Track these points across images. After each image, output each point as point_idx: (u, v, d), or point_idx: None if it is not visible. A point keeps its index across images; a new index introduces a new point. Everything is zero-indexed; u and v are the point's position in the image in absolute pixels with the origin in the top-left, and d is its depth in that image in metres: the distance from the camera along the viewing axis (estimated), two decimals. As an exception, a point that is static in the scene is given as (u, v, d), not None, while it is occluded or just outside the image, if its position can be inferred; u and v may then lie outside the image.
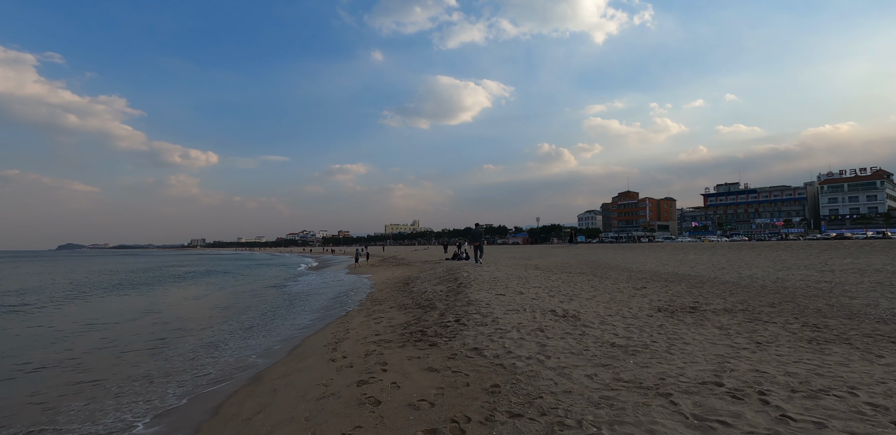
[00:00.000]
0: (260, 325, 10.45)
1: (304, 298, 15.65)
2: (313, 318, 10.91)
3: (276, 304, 14.31)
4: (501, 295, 9.28)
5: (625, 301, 8.59)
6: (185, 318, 12.03)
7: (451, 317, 7.34)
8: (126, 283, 24.03)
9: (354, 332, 7.77)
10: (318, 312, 11.90)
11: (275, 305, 14.08)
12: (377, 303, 11.44)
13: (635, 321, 6.60)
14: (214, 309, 13.63)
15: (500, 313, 7.28)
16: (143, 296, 17.81)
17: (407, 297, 11.71)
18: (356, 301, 12.76)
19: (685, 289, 10.48)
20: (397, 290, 14.06)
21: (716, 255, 24.09)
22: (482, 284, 11.30)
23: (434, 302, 9.44)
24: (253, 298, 16.23)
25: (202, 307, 14.39)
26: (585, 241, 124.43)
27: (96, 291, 19.34)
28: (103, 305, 15.16)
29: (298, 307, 13.18)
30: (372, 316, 9.25)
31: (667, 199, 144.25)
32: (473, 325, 6.58)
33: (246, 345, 8.34)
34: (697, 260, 20.96)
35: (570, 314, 7.06)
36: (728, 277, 13.06)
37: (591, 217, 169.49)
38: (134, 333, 9.77)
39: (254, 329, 9.93)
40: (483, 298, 8.94)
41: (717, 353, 4.72)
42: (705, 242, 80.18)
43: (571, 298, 8.82)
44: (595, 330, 5.97)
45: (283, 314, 12.03)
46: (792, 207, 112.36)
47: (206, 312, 12.97)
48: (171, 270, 39.17)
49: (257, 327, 10.11)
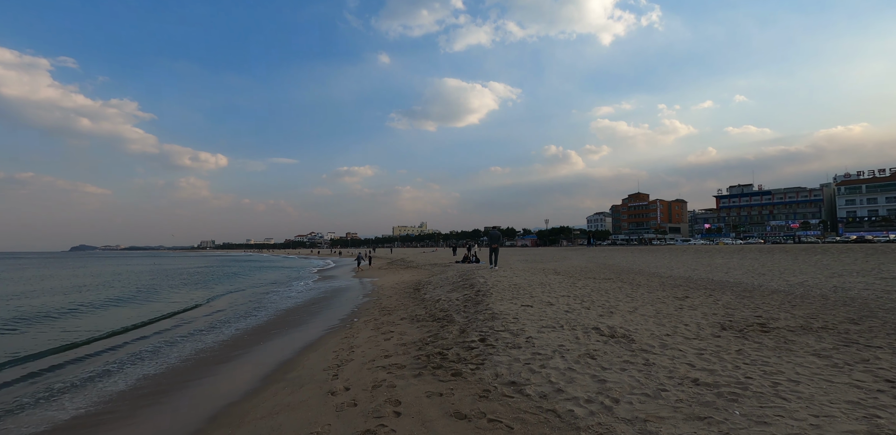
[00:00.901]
0: (251, 338, 9.35)
1: (306, 306, 14.55)
2: (313, 330, 9.78)
3: (273, 312, 13.23)
4: (528, 306, 8.09)
5: (674, 315, 7.36)
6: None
7: (475, 335, 6.17)
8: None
9: (360, 350, 6.63)
10: (319, 323, 10.77)
11: (273, 313, 13.01)
12: (386, 312, 10.30)
13: (703, 344, 5.38)
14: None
15: (532, 331, 6.10)
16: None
17: (419, 305, 10.56)
18: (362, 310, 11.63)
19: (734, 299, 9.22)
20: (407, 297, 12.92)
21: (745, 259, 22.65)
22: (503, 293, 10.11)
23: (451, 314, 8.27)
24: (250, 302, 15.18)
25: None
26: (596, 243, 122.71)
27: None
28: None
29: (299, 317, 12.08)
30: (380, 329, 8.11)
31: (678, 201, 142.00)
32: (504, 346, 5.40)
33: (235, 363, 7.24)
34: (728, 264, 19.58)
35: (619, 333, 5.86)
36: (774, 285, 11.76)
37: (600, 219, 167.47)
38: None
39: (236, 347, 8.81)
40: (508, 309, 7.76)
41: (846, 398, 3.50)
42: (720, 245, 78.30)
43: (611, 311, 7.60)
44: (660, 357, 4.77)
45: (280, 326, 10.93)
46: (808, 209, 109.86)
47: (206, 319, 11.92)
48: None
49: (243, 342, 9.00)
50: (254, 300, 16.51)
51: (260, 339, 9.27)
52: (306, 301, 15.52)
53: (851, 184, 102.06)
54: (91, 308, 14.70)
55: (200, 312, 13.69)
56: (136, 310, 14.40)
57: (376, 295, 14.62)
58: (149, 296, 18.81)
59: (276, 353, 7.81)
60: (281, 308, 13.90)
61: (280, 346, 8.38)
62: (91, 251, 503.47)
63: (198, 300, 16.75)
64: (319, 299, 15.77)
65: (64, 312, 13.63)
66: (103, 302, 16.52)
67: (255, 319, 12.06)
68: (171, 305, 15.38)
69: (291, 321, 11.46)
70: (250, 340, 9.15)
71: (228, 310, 14.02)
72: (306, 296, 17.26)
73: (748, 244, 78.71)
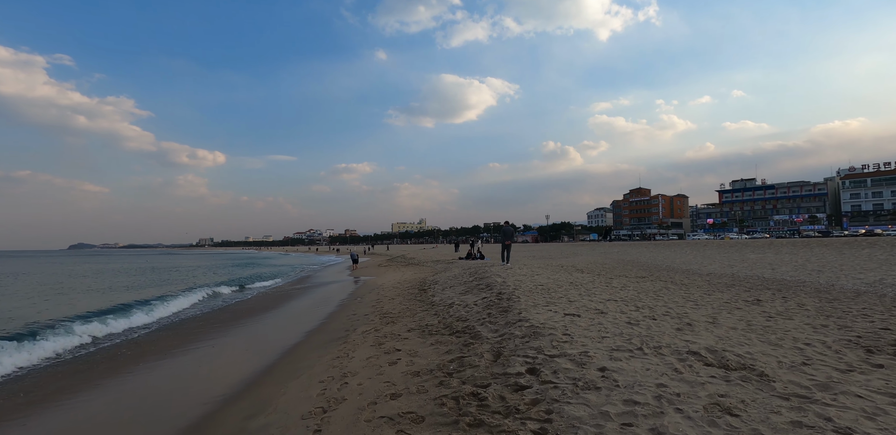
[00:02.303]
0: (214, 359, 7.51)
1: (295, 311, 12.73)
2: (299, 345, 7.94)
3: (249, 321, 11.41)
4: (574, 316, 6.25)
5: (773, 328, 5.54)
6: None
7: (519, 361, 4.33)
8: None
9: (356, 381, 4.80)
10: (308, 334, 8.94)
11: (252, 321, 11.19)
12: (389, 320, 8.47)
13: (876, 382, 3.56)
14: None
15: (602, 356, 4.26)
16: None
17: (429, 311, 8.73)
18: (360, 315, 9.80)
19: (822, 303, 7.42)
20: (413, 299, 11.10)
21: (782, 253, 20.82)
22: (531, 296, 8.28)
23: (473, 325, 6.44)
24: (224, 304, 13.36)
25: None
26: (598, 238, 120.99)
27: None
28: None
29: (283, 325, 10.26)
30: (382, 346, 6.28)
31: (679, 196, 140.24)
32: (570, 384, 3.58)
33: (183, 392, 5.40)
34: (764, 260, 17.78)
35: (734, 362, 4.03)
36: (848, 284, 9.97)
37: (600, 215, 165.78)
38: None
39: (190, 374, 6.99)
40: (550, 320, 5.92)
41: None
42: (726, 240, 76.68)
43: (689, 324, 5.76)
44: (841, 411, 2.95)
45: (258, 339, 9.10)
46: (812, 203, 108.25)
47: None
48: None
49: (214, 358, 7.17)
50: (235, 302, 14.68)
51: (232, 357, 7.46)
52: (296, 304, 13.71)
53: (856, 177, 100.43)
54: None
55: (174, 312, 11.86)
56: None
57: (376, 297, 12.80)
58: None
59: (248, 376, 5.98)
60: (265, 313, 12.08)
61: (255, 367, 6.55)
62: (90, 249, 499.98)
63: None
64: (311, 303, 13.96)
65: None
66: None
67: (232, 328, 10.24)
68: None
69: (272, 332, 9.65)
70: (215, 356, 7.33)
71: (200, 316, 12.20)
72: (297, 298, 15.43)
73: (753, 239, 77.10)
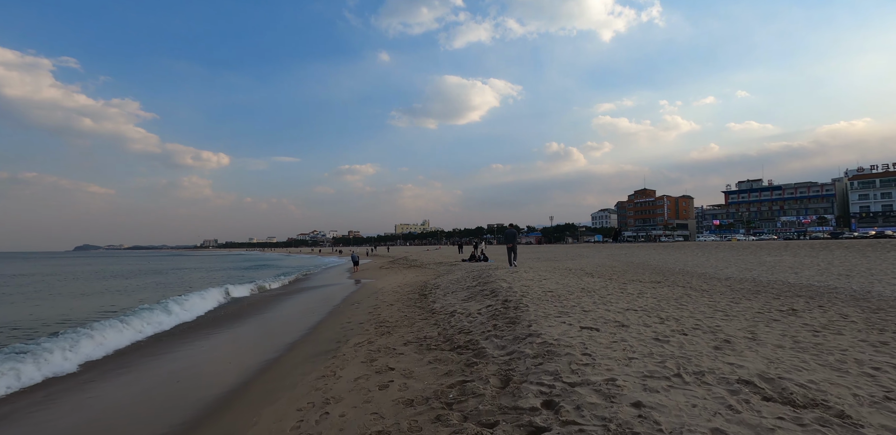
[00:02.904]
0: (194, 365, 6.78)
1: (285, 318, 12.01)
2: (282, 358, 7.20)
3: (234, 327, 10.69)
4: (592, 329, 5.48)
5: (827, 346, 4.76)
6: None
7: (532, 391, 3.57)
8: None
9: (338, 411, 4.06)
10: (294, 345, 8.21)
11: (233, 327, 10.47)
12: (385, 330, 7.73)
13: None
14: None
15: (632, 385, 3.50)
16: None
17: (428, 320, 7.99)
18: (354, 323, 9.06)
19: (867, 314, 6.64)
20: (412, 305, 10.36)
21: (800, 256, 19.97)
22: (541, 304, 7.52)
23: (477, 339, 5.69)
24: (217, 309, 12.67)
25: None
26: (602, 240, 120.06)
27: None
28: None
29: (269, 333, 9.53)
30: (374, 363, 5.54)
31: (685, 197, 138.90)
32: (600, 428, 2.82)
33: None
34: (784, 263, 16.92)
35: (800, 397, 3.26)
36: (885, 291, 9.16)
37: (605, 216, 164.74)
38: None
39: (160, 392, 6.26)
40: (564, 335, 5.16)
41: None
42: (733, 241, 75.64)
43: (727, 340, 4.98)
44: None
45: (231, 353, 8.37)
46: (819, 204, 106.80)
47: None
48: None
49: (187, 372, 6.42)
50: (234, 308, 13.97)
51: (207, 371, 6.73)
52: (289, 310, 12.99)
53: (865, 178, 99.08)
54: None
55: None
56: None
57: (374, 302, 12.06)
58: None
59: (219, 396, 5.25)
60: (251, 320, 11.37)
61: (229, 384, 5.82)
62: (95, 251, 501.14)
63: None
64: (305, 308, 13.25)
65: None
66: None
67: (214, 334, 9.51)
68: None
69: (259, 340, 8.92)
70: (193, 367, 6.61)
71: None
72: (291, 303, 14.72)
73: (761, 240, 76.02)
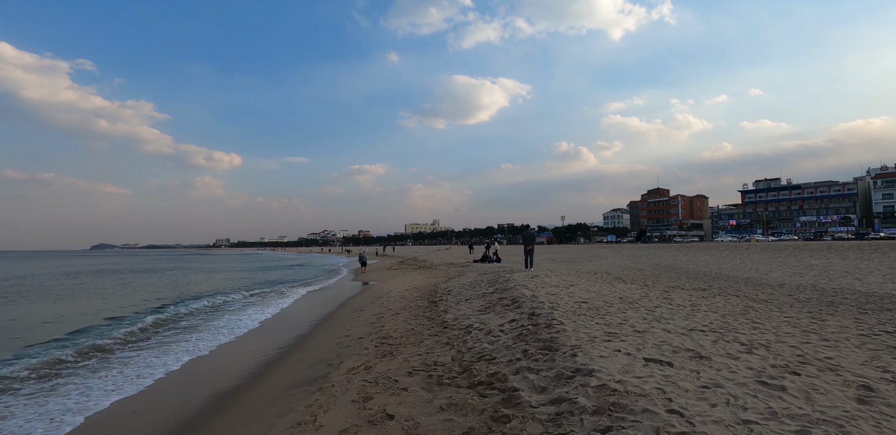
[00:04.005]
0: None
1: (274, 332, 10.70)
2: (248, 382, 5.85)
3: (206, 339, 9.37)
4: (663, 363, 4.05)
5: None
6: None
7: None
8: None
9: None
10: (271, 364, 6.86)
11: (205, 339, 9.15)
12: (387, 351, 6.35)
13: None
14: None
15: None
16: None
17: (439, 337, 6.61)
18: (353, 339, 7.70)
19: None
20: (420, 315, 8.99)
21: (848, 259, 18.19)
22: (579, 321, 6.09)
23: (504, 373, 4.29)
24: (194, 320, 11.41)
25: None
26: (616, 240, 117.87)
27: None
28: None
29: (252, 354, 8.20)
30: (369, 403, 4.16)
31: (699, 197, 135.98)
32: None
33: None
34: (833, 267, 15.22)
35: None
36: None
37: (617, 216, 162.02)
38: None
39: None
40: (627, 372, 3.74)
41: None
42: (752, 242, 73.29)
43: (866, 386, 3.53)
44: None
45: (192, 375, 7.05)
46: (841, 204, 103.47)
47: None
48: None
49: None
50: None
51: (154, 404, 5.42)
52: (278, 318, 11.70)
53: (888, 177, 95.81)
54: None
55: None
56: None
57: (378, 310, 10.72)
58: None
59: None
60: (239, 333, 10.07)
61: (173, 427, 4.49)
62: (111, 250, 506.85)
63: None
64: (299, 315, 11.94)
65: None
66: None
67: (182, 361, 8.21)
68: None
69: (233, 356, 7.60)
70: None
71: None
72: (284, 309, 13.44)
73: (781, 241, 73.58)
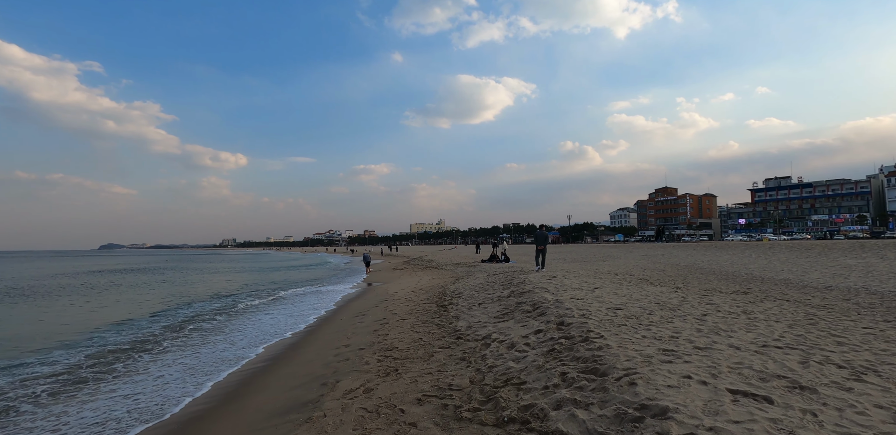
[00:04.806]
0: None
1: (250, 336, 9.78)
2: (217, 406, 4.90)
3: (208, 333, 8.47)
4: (760, 399, 3.07)
5: None
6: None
7: None
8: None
9: None
10: (250, 382, 5.93)
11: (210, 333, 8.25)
12: (390, 365, 5.41)
13: None
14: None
15: None
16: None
17: (453, 351, 5.65)
18: (352, 350, 6.76)
19: None
20: (429, 321, 8.04)
21: (887, 258, 17.05)
22: (622, 333, 5.09)
23: (543, 407, 3.32)
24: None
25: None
26: (624, 240, 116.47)
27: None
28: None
29: (234, 350, 7.28)
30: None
31: (707, 196, 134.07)
32: None
33: None
34: (875, 266, 14.04)
35: None
36: None
37: (624, 215, 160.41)
38: None
39: None
40: (714, 414, 2.76)
41: None
42: (764, 241, 71.81)
43: None
44: None
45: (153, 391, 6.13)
46: (854, 202, 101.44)
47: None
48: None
49: None
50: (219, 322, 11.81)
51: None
52: (270, 322, 10.79)
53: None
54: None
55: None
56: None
57: (382, 315, 9.79)
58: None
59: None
60: (235, 346, 9.16)
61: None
62: (119, 250, 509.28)
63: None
64: (293, 321, 11.03)
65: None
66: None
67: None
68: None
69: (213, 368, 6.68)
70: None
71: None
72: (274, 313, 12.52)
73: (794, 240, 72.05)
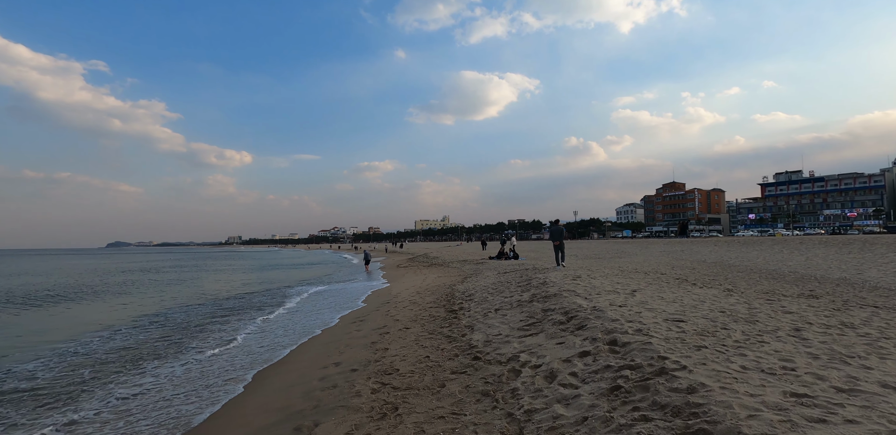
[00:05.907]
0: None
1: (250, 361, 8.43)
2: None
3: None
4: None
5: None
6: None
7: None
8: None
9: None
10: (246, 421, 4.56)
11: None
12: (388, 398, 4.02)
13: None
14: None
15: None
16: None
17: (471, 380, 4.26)
18: (344, 368, 5.40)
19: None
20: (437, 331, 6.66)
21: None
22: (708, 360, 3.71)
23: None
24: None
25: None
26: (632, 235, 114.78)
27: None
28: None
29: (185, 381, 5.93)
30: None
31: (716, 190, 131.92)
32: None
33: None
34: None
35: None
36: None
37: (630, 210, 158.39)
38: None
39: None
40: None
41: None
42: (777, 236, 70.03)
43: None
44: None
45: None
46: (867, 197, 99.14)
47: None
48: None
49: None
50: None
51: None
52: (254, 336, 9.44)
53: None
54: None
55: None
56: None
57: (381, 322, 8.41)
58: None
59: None
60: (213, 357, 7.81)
61: None
62: (126, 248, 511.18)
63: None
64: (279, 332, 9.68)
65: None
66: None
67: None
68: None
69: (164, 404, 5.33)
70: None
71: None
72: (274, 324, 11.18)
73: (808, 235, 70.20)
